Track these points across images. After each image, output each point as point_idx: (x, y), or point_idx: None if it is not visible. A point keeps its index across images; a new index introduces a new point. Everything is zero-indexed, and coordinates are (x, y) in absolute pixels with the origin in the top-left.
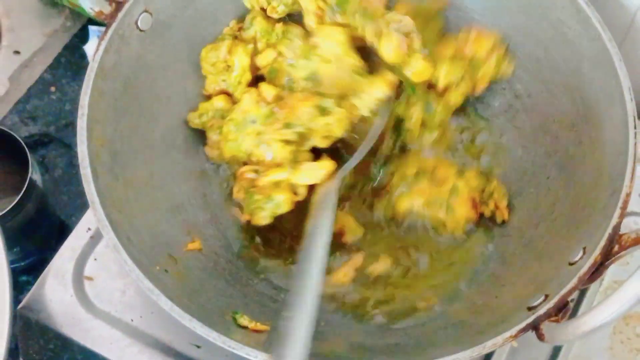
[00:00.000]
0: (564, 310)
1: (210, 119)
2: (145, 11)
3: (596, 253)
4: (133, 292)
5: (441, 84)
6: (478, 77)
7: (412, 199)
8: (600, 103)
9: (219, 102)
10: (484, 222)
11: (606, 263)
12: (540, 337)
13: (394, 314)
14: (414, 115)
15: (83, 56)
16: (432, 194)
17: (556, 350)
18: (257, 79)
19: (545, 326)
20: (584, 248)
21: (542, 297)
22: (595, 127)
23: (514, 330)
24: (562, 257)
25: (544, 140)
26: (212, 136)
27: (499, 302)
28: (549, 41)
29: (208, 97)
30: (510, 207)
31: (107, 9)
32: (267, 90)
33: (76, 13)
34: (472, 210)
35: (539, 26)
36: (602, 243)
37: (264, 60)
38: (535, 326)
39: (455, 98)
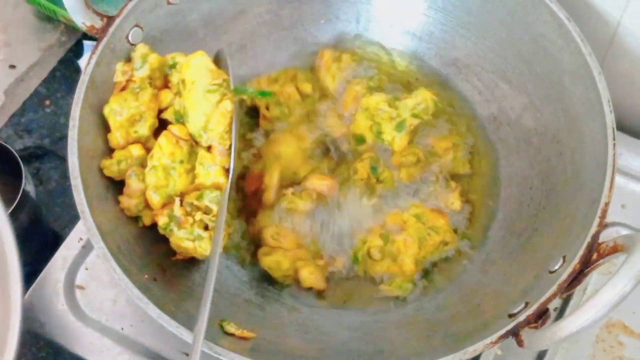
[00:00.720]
0: (544, 317)
1: (129, 166)
2: (136, 26)
3: (575, 261)
4: (124, 301)
5: (394, 161)
6: (435, 168)
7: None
8: (581, 115)
9: (136, 149)
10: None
11: (585, 271)
12: (520, 343)
13: None
14: (362, 172)
15: (78, 70)
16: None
17: (540, 358)
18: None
19: (524, 332)
20: (564, 257)
21: (523, 305)
22: (576, 138)
23: (494, 337)
24: (543, 265)
25: (527, 152)
26: (133, 184)
27: (481, 310)
28: (531, 55)
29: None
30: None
31: (99, 23)
32: (179, 130)
33: (71, 28)
34: (442, 219)
35: (522, 40)
36: (581, 252)
37: (164, 102)
38: (515, 332)
39: (404, 175)
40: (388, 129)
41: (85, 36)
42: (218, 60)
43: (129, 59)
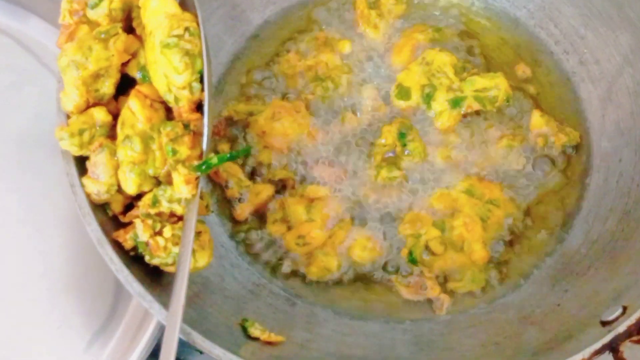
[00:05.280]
0: None
1: (94, 137)
2: None
3: None
4: None
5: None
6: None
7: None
8: None
9: (99, 114)
10: None
11: None
12: None
13: None
14: (388, 137)
15: None
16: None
17: None
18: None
19: (626, 348)
20: None
21: (620, 310)
22: None
23: (586, 352)
24: None
25: (615, 115)
26: (102, 161)
27: (562, 312)
28: None
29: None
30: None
31: None
32: (148, 90)
33: None
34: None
35: None
36: None
37: (128, 52)
38: (613, 347)
39: (441, 155)
40: (441, 99)
41: None
42: (185, 2)
43: None
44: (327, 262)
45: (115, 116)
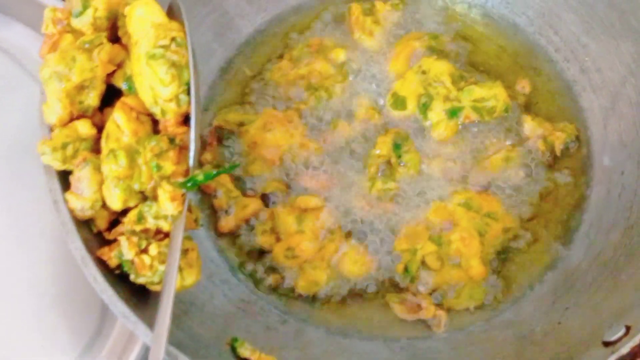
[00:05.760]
0: None
1: (77, 152)
2: None
3: None
4: None
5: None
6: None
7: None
8: None
9: (83, 127)
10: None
11: None
12: None
13: None
14: (382, 148)
15: None
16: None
17: None
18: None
19: None
20: None
21: (622, 329)
22: None
23: None
24: None
25: (617, 126)
26: (85, 176)
27: (563, 331)
28: (626, 3)
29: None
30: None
31: None
32: (134, 102)
33: None
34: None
35: None
36: None
37: (114, 61)
38: None
39: (437, 167)
40: (438, 108)
41: None
42: (172, 11)
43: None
44: (315, 275)
45: (101, 129)
